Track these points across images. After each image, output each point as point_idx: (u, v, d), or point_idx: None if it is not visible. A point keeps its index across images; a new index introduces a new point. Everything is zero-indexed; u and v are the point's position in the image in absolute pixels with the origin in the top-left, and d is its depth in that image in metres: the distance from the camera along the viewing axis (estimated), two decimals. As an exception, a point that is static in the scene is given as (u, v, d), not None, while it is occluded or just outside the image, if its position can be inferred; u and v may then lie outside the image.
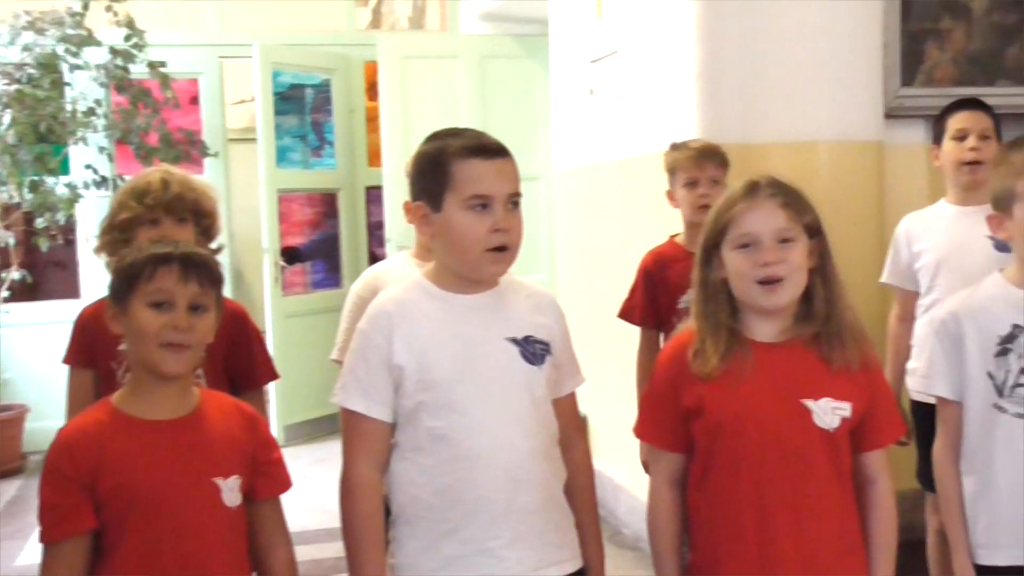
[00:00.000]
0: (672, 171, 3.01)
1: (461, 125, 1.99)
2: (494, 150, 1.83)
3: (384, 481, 1.85)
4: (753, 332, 1.84)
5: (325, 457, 5.53)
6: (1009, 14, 3.89)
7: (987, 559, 2.02)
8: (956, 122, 2.98)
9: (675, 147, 3.06)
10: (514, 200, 1.83)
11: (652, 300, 3.01)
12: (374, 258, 6.24)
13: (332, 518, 1.91)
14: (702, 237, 1.88)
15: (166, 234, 2.22)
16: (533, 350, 1.87)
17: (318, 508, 4.37)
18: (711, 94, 3.48)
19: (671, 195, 3.04)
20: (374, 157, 6.35)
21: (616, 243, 4.26)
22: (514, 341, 1.85)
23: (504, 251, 1.83)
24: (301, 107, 6.34)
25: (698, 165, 2.93)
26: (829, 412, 1.79)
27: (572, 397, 2.01)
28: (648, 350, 3.01)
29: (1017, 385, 1.98)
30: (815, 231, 1.84)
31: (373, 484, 1.83)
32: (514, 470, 1.81)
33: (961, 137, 2.96)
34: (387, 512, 1.87)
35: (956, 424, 2.07)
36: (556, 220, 5.19)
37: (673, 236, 3.09)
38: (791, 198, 1.83)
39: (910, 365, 3.05)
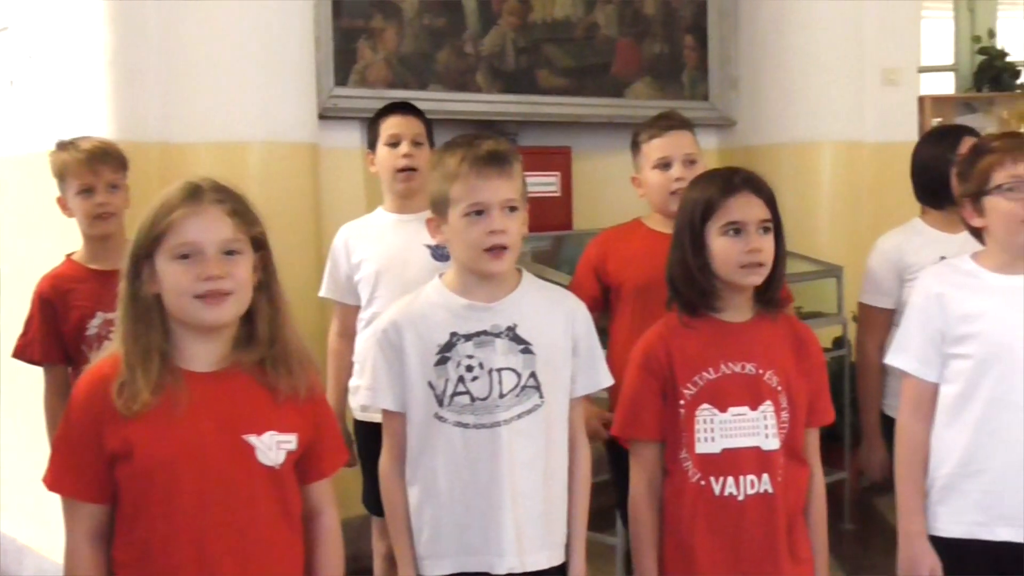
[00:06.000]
0: (61, 176, 2.93)
1: None
2: None
3: None
4: (189, 358, 1.83)
5: None
6: (438, 17, 4.27)
7: (431, 570, 2.16)
8: (388, 127, 3.16)
9: (62, 147, 2.95)
10: None
11: (54, 332, 2.90)
12: None
13: None
14: (132, 244, 1.84)
15: None
16: None
17: None
18: (126, 86, 3.41)
19: (63, 203, 2.94)
20: None
21: (10, 260, 4.00)
22: None
23: None
24: None
25: (92, 170, 2.86)
26: (274, 447, 1.83)
27: None
28: (57, 390, 2.90)
29: (456, 394, 2.12)
30: (261, 244, 1.86)
31: None
32: None
33: (394, 143, 3.13)
34: None
35: (401, 436, 2.18)
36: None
37: (70, 254, 3.00)
38: (239, 206, 1.84)
39: (352, 383, 3.17)
